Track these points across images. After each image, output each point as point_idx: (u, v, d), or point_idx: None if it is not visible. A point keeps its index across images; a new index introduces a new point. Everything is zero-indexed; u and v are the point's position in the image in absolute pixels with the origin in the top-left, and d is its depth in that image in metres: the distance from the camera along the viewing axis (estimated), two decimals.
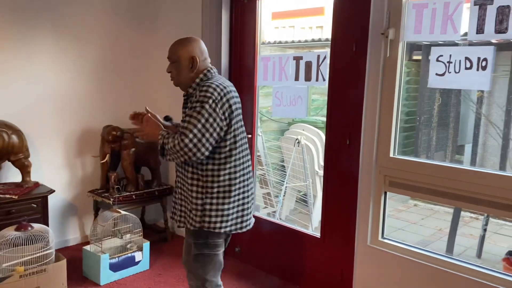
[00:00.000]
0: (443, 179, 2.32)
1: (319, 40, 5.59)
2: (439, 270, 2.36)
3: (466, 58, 2.18)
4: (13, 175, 3.21)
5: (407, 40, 2.44)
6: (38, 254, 2.60)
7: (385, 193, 2.61)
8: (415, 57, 4.69)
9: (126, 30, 3.76)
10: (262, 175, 4.53)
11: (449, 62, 2.25)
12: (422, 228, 4.51)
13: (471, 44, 2.27)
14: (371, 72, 2.53)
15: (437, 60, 2.29)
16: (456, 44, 2.37)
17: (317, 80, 2.83)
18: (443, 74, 2.29)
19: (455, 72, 2.24)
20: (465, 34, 2.19)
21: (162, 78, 3.80)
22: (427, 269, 2.41)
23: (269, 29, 6.28)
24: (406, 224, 4.57)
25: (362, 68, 2.57)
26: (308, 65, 2.86)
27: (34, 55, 3.31)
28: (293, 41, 5.83)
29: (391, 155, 2.54)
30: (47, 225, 2.97)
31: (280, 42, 5.76)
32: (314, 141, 4.37)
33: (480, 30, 2.12)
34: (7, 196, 2.87)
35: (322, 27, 7.18)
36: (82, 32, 3.52)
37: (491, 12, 2.07)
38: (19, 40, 3.21)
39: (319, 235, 2.96)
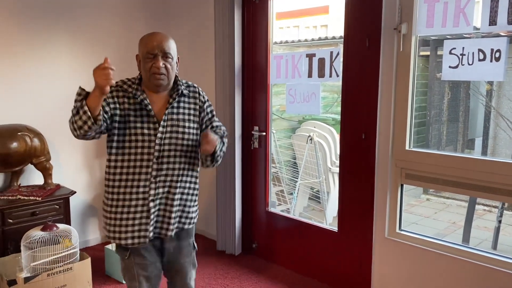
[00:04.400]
0: (459, 170, 2.36)
1: (326, 38, 5.63)
2: (457, 260, 2.40)
3: (479, 50, 2.23)
4: (35, 177, 3.29)
5: (420, 34, 2.49)
6: (64, 253, 2.66)
7: (402, 185, 2.65)
8: (422, 53, 4.72)
9: (140, 32, 3.81)
10: (275, 173, 4.58)
11: (462, 55, 2.29)
12: (435, 222, 4.53)
13: (483, 36, 2.31)
14: (384, 66, 2.58)
15: (450, 53, 2.33)
16: (468, 37, 2.41)
17: (330, 76, 2.88)
18: (456, 67, 2.33)
19: (469, 64, 2.28)
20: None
21: None
22: (445, 259, 2.45)
23: (274, 29, 6.38)
24: (419, 218, 4.60)
25: (375, 63, 2.62)
26: (321, 61, 2.91)
27: (52, 60, 3.39)
28: (299, 40, 5.88)
29: (407, 147, 2.58)
30: (69, 225, 3.03)
31: (286, 42, 5.81)
32: (326, 138, 4.41)
33: (492, 22, 2.16)
34: (31, 198, 2.94)
35: (327, 26, 7.21)
36: (96, 35, 3.60)
37: (503, 4, 2.11)
38: (37, 46, 3.30)
39: (336, 229, 3.01)
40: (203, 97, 2.04)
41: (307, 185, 4.59)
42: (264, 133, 3.39)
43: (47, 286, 2.59)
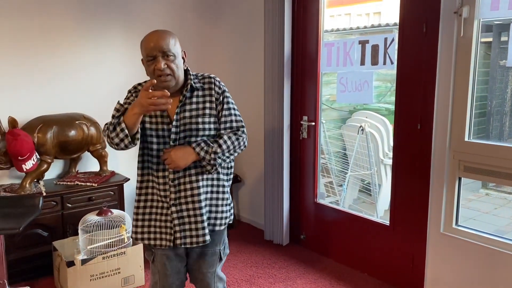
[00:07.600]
0: None
1: (379, 25, 5.43)
2: None
3: None
4: (92, 164, 3.43)
5: (483, 18, 2.32)
6: (118, 238, 2.76)
7: (460, 178, 2.51)
8: (483, 39, 4.45)
9: (192, 23, 3.88)
10: (324, 164, 4.50)
11: None
12: (495, 218, 4.28)
13: None
14: (443, 53, 2.44)
15: None
16: None
17: (384, 63, 2.77)
18: None
19: None
20: None
21: (225, 69, 3.88)
22: (507, 258, 2.30)
23: (325, 17, 6.26)
24: (477, 214, 4.36)
25: (433, 49, 2.48)
26: (375, 48, 2.80)
27: (107, 51, 3.50)
28: (351, 28, 5.71)
29: (466, 139, 2.43)
30: (123, 211, 3.14)
31: (338, 30, 5.66)
32: (379, 128, 4.27)
33: None
34: (88, 184, 3.07)
35: (380, 13, 6.96)
36: (149, 27, 3.66)
37: None
38: (92, 38, 3.41)
39: (388, 222, 2.91)
40: (219, 87, 1.90)
41: (357, 177, 4.47)
42: (313, 123, 3.33)
43: (102, 269, 2.71)
